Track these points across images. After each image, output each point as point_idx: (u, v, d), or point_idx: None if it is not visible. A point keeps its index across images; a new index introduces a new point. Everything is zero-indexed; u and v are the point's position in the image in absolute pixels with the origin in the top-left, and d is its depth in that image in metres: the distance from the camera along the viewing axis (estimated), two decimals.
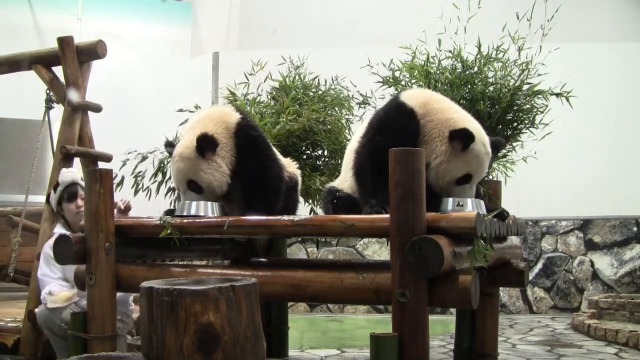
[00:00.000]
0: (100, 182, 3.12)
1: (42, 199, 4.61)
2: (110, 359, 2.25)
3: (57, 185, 4.10)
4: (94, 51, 4.68)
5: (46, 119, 4.99)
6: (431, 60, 3.70)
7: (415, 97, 3.09)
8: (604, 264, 7.31)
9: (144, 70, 8.86)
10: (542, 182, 6.93)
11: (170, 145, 3.37)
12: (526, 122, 3.65)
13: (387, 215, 2.59)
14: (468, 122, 2.99)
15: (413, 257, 2.43)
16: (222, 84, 4.90)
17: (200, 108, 3.96)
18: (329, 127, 4.05)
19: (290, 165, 3.65)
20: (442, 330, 5.94)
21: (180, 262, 3.61)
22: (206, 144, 3.14)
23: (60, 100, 4.76)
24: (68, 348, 3.20)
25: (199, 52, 9.12)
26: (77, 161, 4.81)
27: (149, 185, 3.88)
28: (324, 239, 7.20)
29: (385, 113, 3.16)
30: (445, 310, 6.86)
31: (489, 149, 2.99)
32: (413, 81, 3.70)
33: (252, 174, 3.27)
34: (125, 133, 6.71)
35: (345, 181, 3.31)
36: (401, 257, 2.47)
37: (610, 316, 6.11)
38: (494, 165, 3.62)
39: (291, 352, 4.51)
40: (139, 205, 3.86)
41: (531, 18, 3.72)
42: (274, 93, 4.27)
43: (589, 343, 5.33)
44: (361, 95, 4.06)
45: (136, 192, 3.87)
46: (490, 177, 3.61)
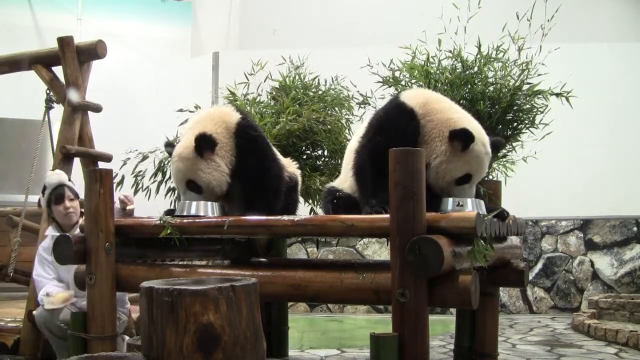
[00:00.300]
0: (100, 182, 3.12)
1: None
2: (110, 359, 2.25)
3: (45, 188, 4.09)
4: (94, 51, 4.68)
5: (46, 119, 4.99)
6: (431, 60, 3.70)
7: (415, 97, 3.09)
8: (604, 264, 7.31)
9: (144, 70, 8.86)
10: (542, 182, 6.93)
11: (170, 145, 3.38)
12: (526, 122, 3.64)
13: (387, 215, 2.59)
14: (468, 122, 2.99)
15: (413, 257, 2.43)
16: (222, 84, 4.90)
17: (200, 108, 3.96)
18: (329, 127, 4.05)
19: (290, 165, 3.65)
20: (442, 330, 5.94)
21: (180, 262, 3.62)
22: (204, 143, 3.14)
23: (60, 100, 4.76)
24: (68, 348, 3.20)
25: (199, 52, 9.12)
26: (77, 161, 4.82)
27: (149, 185, 3.88)
28: (324, 239, 7.20)
29: (385, 113, 3.17)
30: (445, 310, 6.85)
31: (488, 149, 2.99)
32: (413, 81, 3.70)
33: (252, 174, 3.27)
34: (125, 133, 6.70)
35: (345, 181, 3.31)
36: (401, 257, 2.47)
37: (610, 316, 6.11)
38: (494, 165, 3.62)
39: (291, 352, 4.51)
40: (139, 205, 3.86)
41: (531, 18, 3.72)
42: (274, 93, 4.27)
43: (589, 343, 5.33)
44: (361, 95, 4.06)
45: (136, 192, 3.87)
46: (490, 177, 3.61)
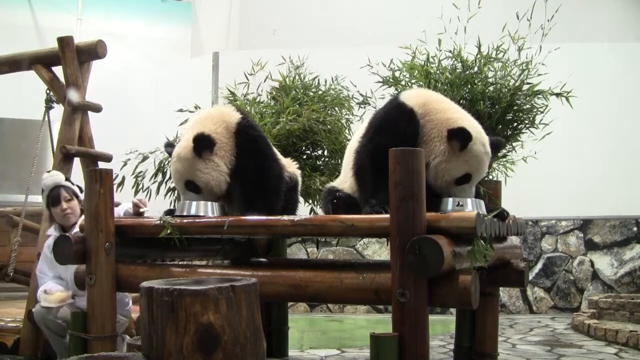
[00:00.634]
0: (100, 182, 3.13)
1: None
2: (110, 359, 2.25)
3: (43, 189, 4.11)
4: (94, 51, 4.68)
5: (46, 119, 4.99)
6: (431, 60, 3.70)
7: (415, 97, 3.09)
8: (604, 264, 7.31)
9: (144, 70, 8.87)
10: (542, 182, 6.92)
11: (170, 145, 3.38)
12: (526, 122, 3.64)
13: (387, 215, 2.59)
14: (467, 122, 2.98)
15: (413, 257, 2.43)
16: (222, 84, 4.90)
17: (200, 108, 3.96)
18: (329, 127, 4.05)
19: (290, 165, 3.65)
20: (442, 330, 5.93)
21: (180, 262, 3.62)
22: (202, 143, 3.14)
23: (60, 100, 4.76)
24: (68, 348, 3.20)
25: (199, 52, 9.12)
26: (77, 161, 4.82)
27: (149, 186, 3.88)
28: (324, 239, 7.19)
29: (385, 113, 3.17)
30: (445, 310, 6.85)
31: (488, 149, 2.99)
32: (413, 81, 3.70)
33: (253, 174, 3.27)
34: (125, 133, 6.71)
35: (345, 181, 3.31)
36: (401, 257, 2.47)
37: (610, 316, 6.10)
38: (494, 165, 3.62)
39: (291, 352, 4.51)
40: None
41: (531, 18, 3.71)
42: (274, 93, 4.27)
43: (589, 343, 5.33)
44: (361, 95, 4.06)
45: (136, 192, 3.87)
46: (490, 177, 3.61)
